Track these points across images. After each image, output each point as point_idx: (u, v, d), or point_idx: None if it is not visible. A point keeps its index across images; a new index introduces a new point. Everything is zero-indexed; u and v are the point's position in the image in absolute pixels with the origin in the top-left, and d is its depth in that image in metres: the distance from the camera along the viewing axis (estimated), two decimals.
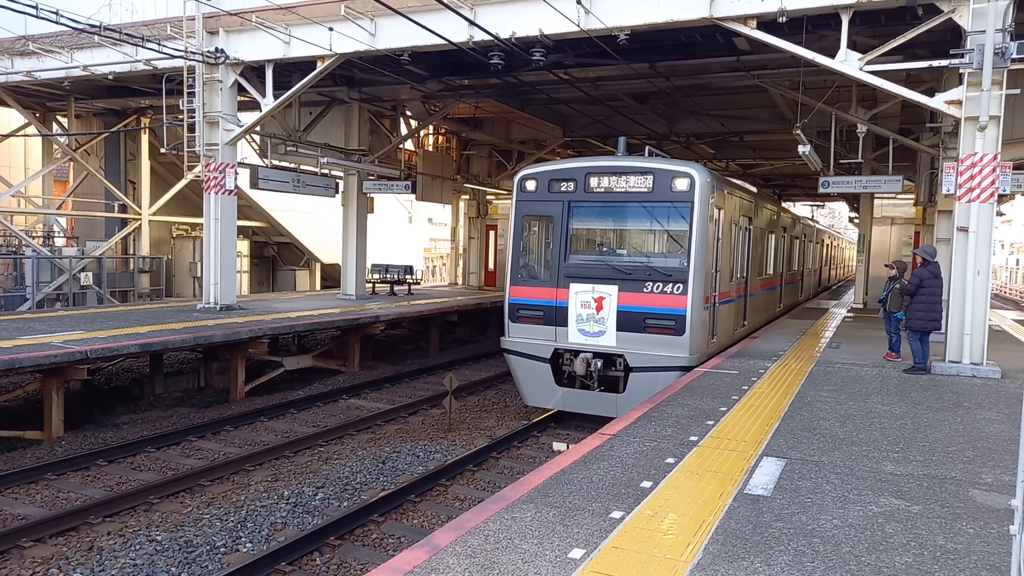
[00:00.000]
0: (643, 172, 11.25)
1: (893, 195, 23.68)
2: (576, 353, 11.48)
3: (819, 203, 50.74)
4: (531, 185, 12.08)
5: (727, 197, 12.54)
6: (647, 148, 12.54)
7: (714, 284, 11.86)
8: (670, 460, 6.33)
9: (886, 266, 13.06)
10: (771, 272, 17.90)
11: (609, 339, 11.32)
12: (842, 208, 54.05)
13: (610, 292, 11.26)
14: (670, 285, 10.97)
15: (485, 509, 5.12)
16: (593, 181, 11.57)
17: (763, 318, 17.07)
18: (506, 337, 12.32)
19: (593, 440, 6.87)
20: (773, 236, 17.87)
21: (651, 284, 11.07)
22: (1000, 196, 11.40)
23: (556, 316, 11.67)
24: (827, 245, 36.31)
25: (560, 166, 12.25)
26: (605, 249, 12.04)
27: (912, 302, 11.09)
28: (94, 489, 9.56)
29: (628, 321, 11.15)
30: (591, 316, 11.39)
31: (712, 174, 11.50)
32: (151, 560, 7.42)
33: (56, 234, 26.40)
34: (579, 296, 11.47)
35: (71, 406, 12.27)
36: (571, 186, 11.74)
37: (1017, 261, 62.20)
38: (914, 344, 11.06)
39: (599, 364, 11.31)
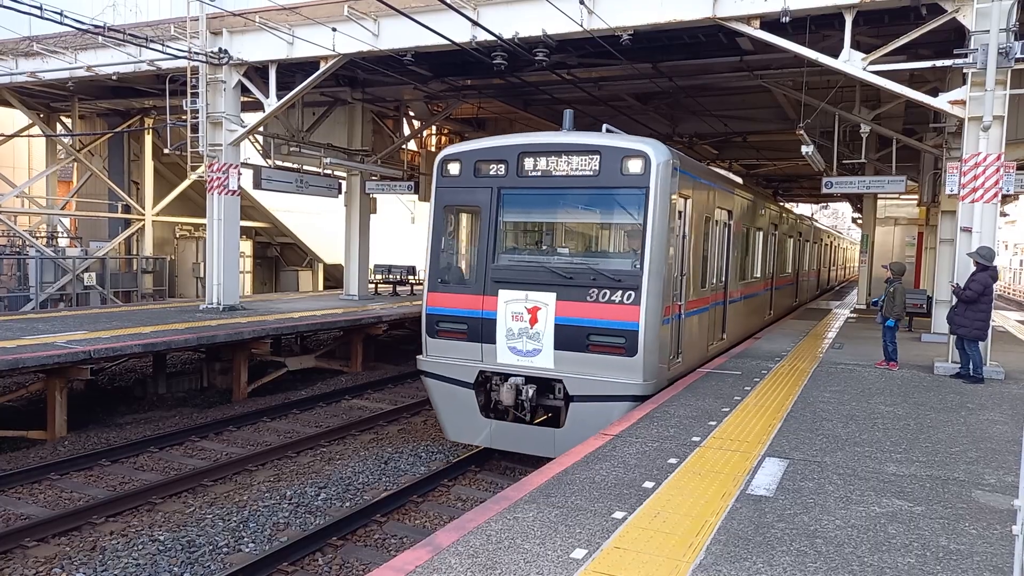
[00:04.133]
0: (588, 151, 9.15)
1: (896, 196, 23.65)
2: (506, 377, 9.39)
3: (822, 203, 50.68)
4: (454, 168, 9.93)
5: (699, 185, 10.57)
6: (604, 126, 10.30)
7: (679, 291, 9.82)
8: (672, 460, 6.32)
9: (883, 267, 12.62)
10: (758, 275, 15.97)
11: (545, 360, 9.21)
12: (845, 208, 53.96)
13: (547, 301, 9.16)
14: (619, 293, 8.90)
15: (487, 509, 5.12)
16: (528, 163, 9.48)
17: (748, 328, 15.07)
18: (423, 356, 10.15)
19: (596, 440, 6.87)
20: (762, 234, 16.04)
21: (596, 291, 8.99)
22: (1004, 196, 11.38)
23: (482, 330, 9.54)
24: (827, 245, 34.45)
25: (489, 144, 9.96)
26: (544, 247, 10.11)
27: (967, 309, 10.11)
28: (97, 489, 9.58)
29: (568, 337, 9.08)
30: (524, 331, 9.28)
31: (676, 155, 9.40)
32: (154, 560, 7.43)
33: (60, 234, 26.47)
34: (510, 306, 9.35)
35: (74, 406, 12.29)
36: (502, 169, 9.62)
37: (1021, 262, 62.06)
38: (975, 354, 10.31)
39: (531, 392, 9.22)
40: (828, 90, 15.69)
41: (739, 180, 15.32)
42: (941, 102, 11.09)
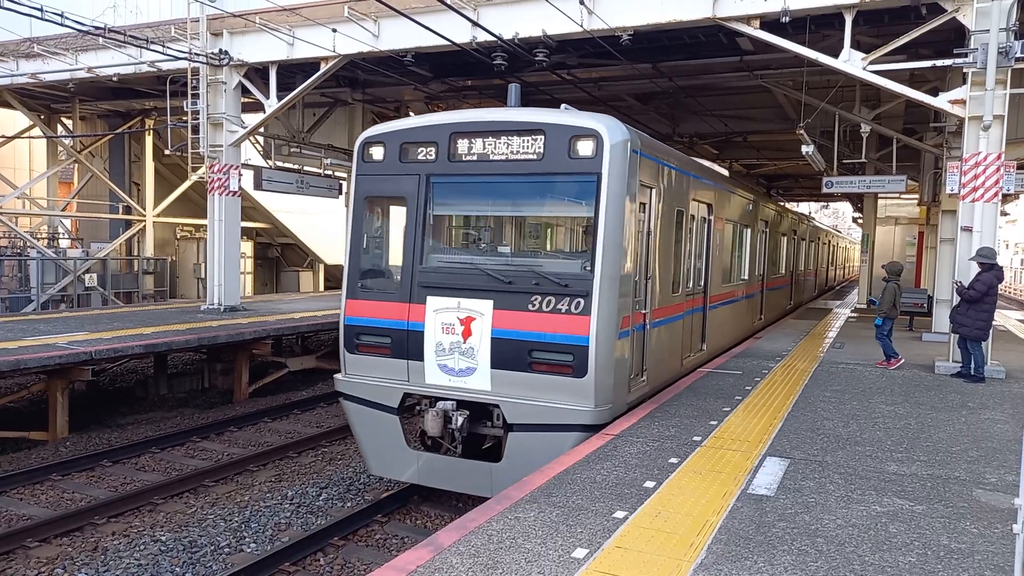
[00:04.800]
0: (530, 130, 7.76)
1: (897, 195, 23.68)
2: (435, 401, 8.06)
3: (823, 203, 50.69)
4: (377, 152, 8.56)
5: (669, 173, 9.11)
6: (563, 105, 8.67)
7: (643, 297, 8.47)
8: (673, 460, 6.33)
9: (882, 267, 12.53)
10: (746, 277, 14.59)
11: (481, 380, 7.81)
12: (846, 208, 53.97)
13: (482, 310, 7.75)
14: (567, 301, 7.49)
15: (488, 509, 5.13)
16: (462, 145, 8.07)
17: (735, 336, 13.78)
18: (340, 375, 8.73)
19: (597, 440, 6.88)
20: (750, 232, 14.68)
21: (540, 299, 7.57)
22: (1004, 196, 11.38)
23: (408, 345, 8.11)
24: (827, 244, 33.67)
25: (416, 123, 8.59)
26: (481, 246, 8.66)
27: (970, 308, 10.08)
28: (99, 490, 9.59)
29: (507, 354, 7.66)
30: (456, 345, 7.88)
31: (637, 135, 8.05)
32: (155, 560, 7.45)
33: (61, 235, 26.49)
34: (440, 316, 7.95)
35: (76, 407, 12.31)
36: (431, 153, 8.21)
37: (1022, 261, 62.05)
38: (976, 354, 10.32)
39: (461, 420, 7.79)
40: (828, 90, 15.70)
41: (723, 171, 13.97)
42: (941, 102, 11.09)
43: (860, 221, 28.56)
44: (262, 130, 18.17)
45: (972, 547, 4.70)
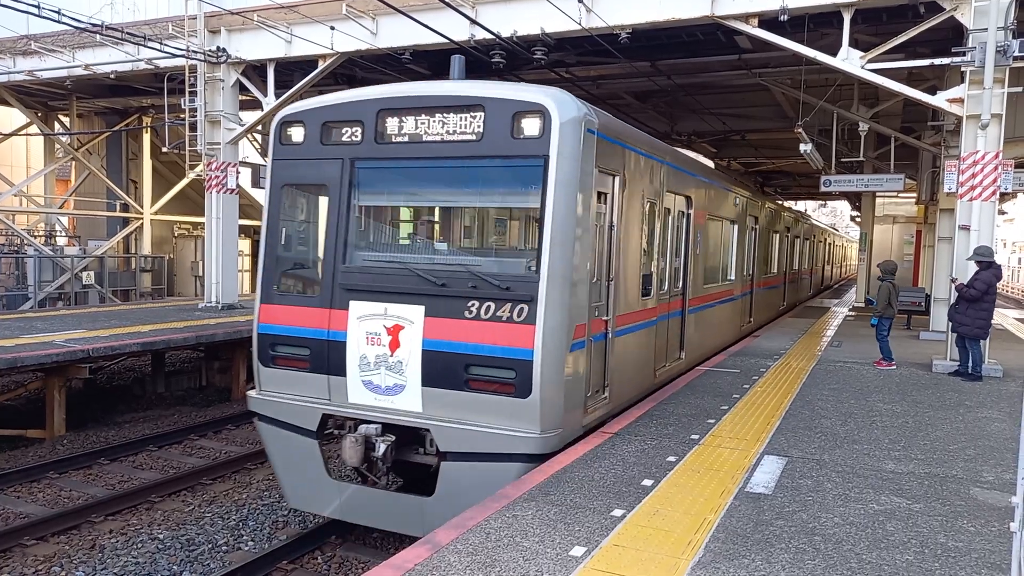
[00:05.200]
0: (468, 105, 6.74)
1: (895, 194, 23.69)
2: (358, 424, 6.97)
3: (821, 202, 50.76)
4: (296, 133, 7.49)
5: (638, 160, 8.06)
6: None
7: (605, 301, 7.42)
8: (671, 458, 6.33)
9: (876, 266, 12.48)
10: (733, 277, 13.63)
11: (410, 399, 6.76)
12: (844, 207, 54.06)
13: (412, 317, 6.73)
14: (508, 307, 6.44)
15: (486, 507, 5.13)
16: (391, 124, 7.01)
17: (719, 341, 12.72)
18: (254, 392, 7.60)
19: (595, 438, 6.88)
20: (738, 228, 13.71)
21: (478, 304, 6.54)
22: (1002, 194, 11.39)
23: (329, 358, 7.06)
24: (824, 242, 33.09)
25: (340, 99, 7.44)
26: (412, 243, 7.79)
27: (969, 307, 10.05)
28: (96, 488, 9.58)
29: (440, 369, 6.63)
30: (383, 359, 6.83)
31: (596, 113, 7.03)
32: (153, 558, 7.44)
33: (58, 233, 26.45)
34: (364, 324, 6.90)
35: (73, 405, 12.29)
36: (357, 133, 7.16)
37: (1019, 260, 62.15)
38: (975, 352, 10.33)
39: (384, 448, 6.73)
40: (826, 88, 15.71)
41: (708, 163, 12.49)
42: (939, 100, 11.10)
43: (858, 220, 28.60)
44: (260, 128, 18.15)
45: (969, 545, 4.70)
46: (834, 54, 11.41)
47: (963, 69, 10.56)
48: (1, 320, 14.52)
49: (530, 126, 6.50)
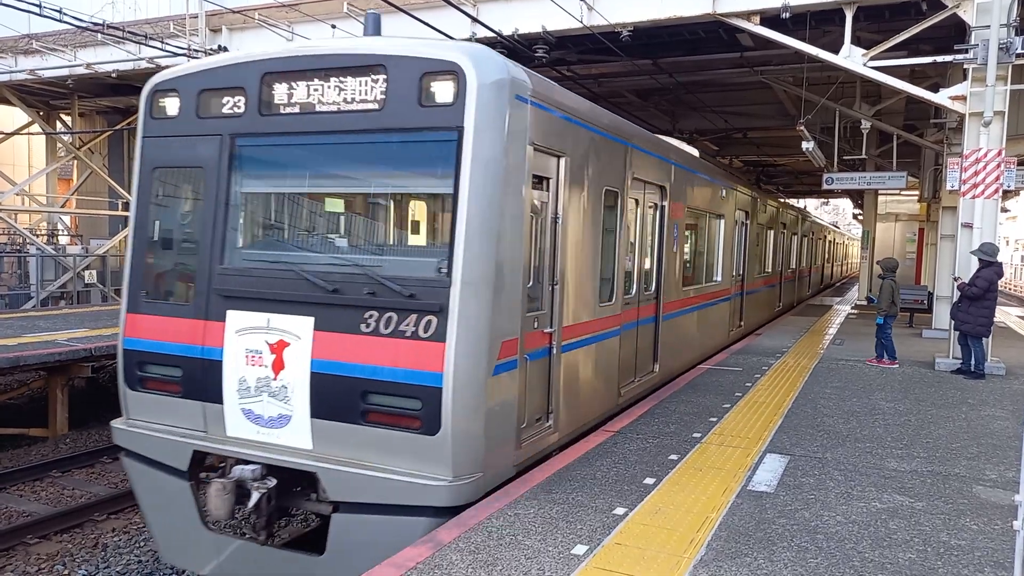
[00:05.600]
0: (368, 66, 5.46)
1: (897, 191, 23.67)
2: (235, 463, 5.68)
3: (823, 199, 50.70)
4: (170, 105, 6.23)
5: (592, 140, 6.78)
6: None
7: (548, 310, 6.18)
8: (673, 457, 6.33)
9: (877, 263, 12.42)
10: (719, 279, 12.35)
11: (297, 434, 5.52)
12: (846, 205, 54.00)
13: (299, 331, 5.50)
14: (413, 319, 5.20)
15: (488, 505, 5.12)
16: (278, 91, 5.73)
17: (701, 350, 11.39)
18: (119, 421, 6.36)
19: (596, 437, 6.87)
20: (724, 224, 12.40)
21: (377, 315, 5.29)
22: (1005, 192, 11.38)
23: (204, 380, 5.84)
24: (825, 240, 32.30)
25: (220, 62, 6.18)
26: (303, 238, 6.18)
27: (971, 305, 10.03)
28: (99, 486, 9.59)
29: (332, 397, 5.40)
30: (265, 383, 5.58)
31: (531, 76, 5.75)
32: (155, 556, 7.45)
33: (60, 232, 26.48)
34: (244, 339, 5.67)
35: (75, 404, 12.30)
36: (239, 103, 5.87)
37: (1022, 258, 62.04)
38: (977, 350, 10.34)
39: (259, 497, 5.53)
40: (829, 86, 15.69)
41: (691, 151, 11.12)
42: (942, 98, 11.08)
43: (860, 217, 28.57)
44: None
45: (972, 544, 4.70)
46: (836, 52, 11.39)
47: (966, 66, 10.54)
48: (4, 319, 14.54)
49: (441, 91, 5.21)
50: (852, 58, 11.28)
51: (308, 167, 5.94)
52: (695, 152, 11.35)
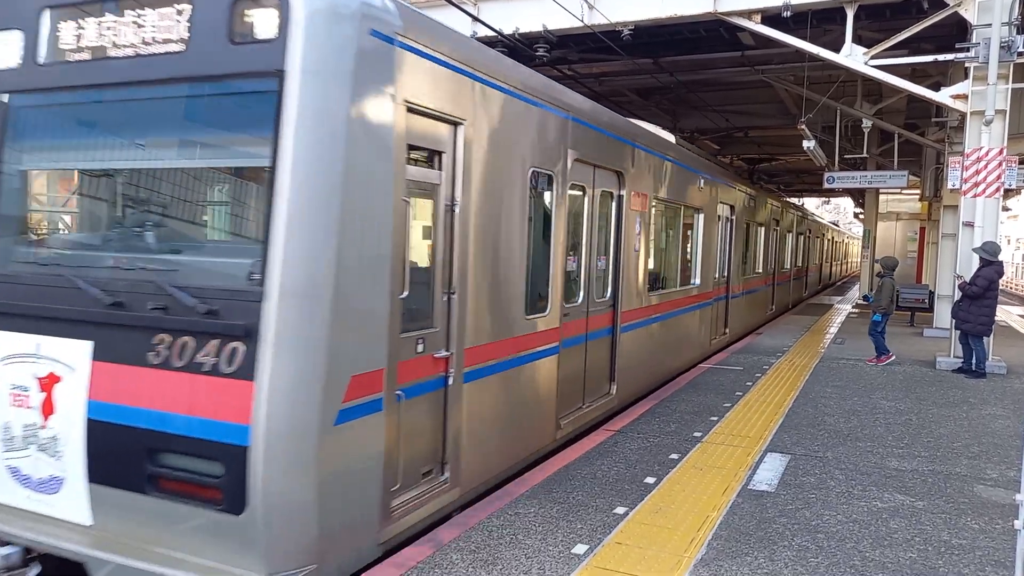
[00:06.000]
0: None
1: (898, 190, 23.66)
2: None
3: (825, 198, 50.69)
4: None
5: (507, 105, 5.39)
6: None
7: (443, 328, 4.83)
8: (674, 456, 6.33)
9: (876, 261, 12.41)
10: (698, 281, 10.97)
11: (72, 503, 3.96)
12: (847, 204, 54.00)
13: (73, 361, 3.94)
14: (213, 345, 3.65)
15: (488, 505, 5.12)
16: (64, 32, 4.20)
17: (671, 365, 9.92)
18: None
19: (597, 436, 6.87)
20: (703, 219, 11.05)
21: (170, 340, 3.74)
22: (1006, 191, 11.38)
23: None
24: (824, 238, 31.66)
25: None
26: (89, 232, 4.99)
27: (972, 304, 10.01)
28: None
29: (114, 454, 3.84)
30: (33, 431, 4.04)
31: (400, 9, 4.20)
32: None
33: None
34: (7, 370, 4.11)
35: None
36: (14, 51, 4.35)
37: (1023, 256, 62.00)
38: (978, 349, 10.31)
39: None
40: (830, 85, 15.68)
41: (668, 136, 9.93)
42: (943, 97, 11.07)
43: (862, 216, 28.56)
44: None
45: (973, 543, 4.69)
46: (837, 50, 11.38)
47: (967, 65, 10.53)
48: None
49: (260, 22, 3.73)
50: (853, 57, 11.27)
51: (97, 133, 4.44)
52: (671, 138, 10.15)
